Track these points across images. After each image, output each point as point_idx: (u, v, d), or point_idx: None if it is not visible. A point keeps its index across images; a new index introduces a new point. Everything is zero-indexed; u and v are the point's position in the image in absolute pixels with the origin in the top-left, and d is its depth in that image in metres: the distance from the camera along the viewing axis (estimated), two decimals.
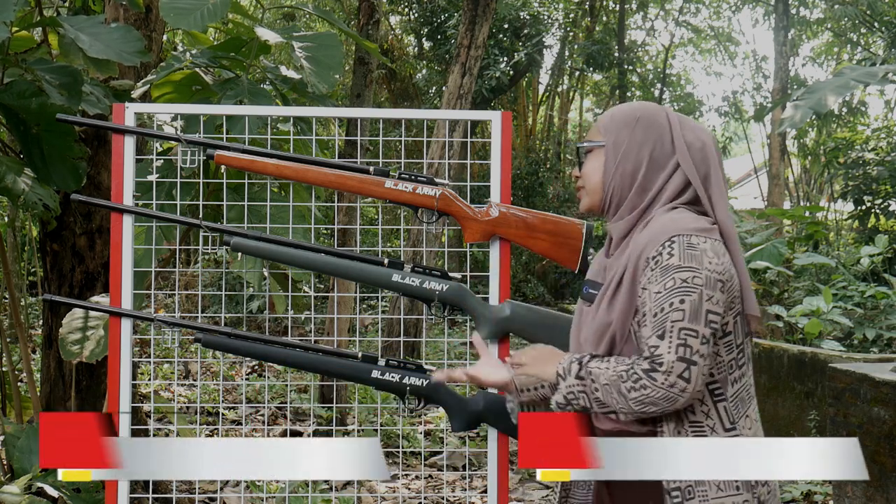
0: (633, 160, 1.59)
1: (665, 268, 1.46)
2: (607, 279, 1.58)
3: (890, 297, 5.56)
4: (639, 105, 1.65)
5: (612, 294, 1.54)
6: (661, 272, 1.46)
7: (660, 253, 1.48)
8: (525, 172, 12.67)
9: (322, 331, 5.77)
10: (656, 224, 1.53)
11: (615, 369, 1.46)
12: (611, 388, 1.45)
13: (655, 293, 1.46)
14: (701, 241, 1.48)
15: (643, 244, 1.51)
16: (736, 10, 16.37)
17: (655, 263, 1.48)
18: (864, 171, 8.85)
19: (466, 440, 3.86)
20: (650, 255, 1.49)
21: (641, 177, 1.58)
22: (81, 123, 2.27)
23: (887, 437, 3.02)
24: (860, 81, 4.58)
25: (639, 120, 1.61)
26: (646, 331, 1.46)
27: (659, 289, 1.46)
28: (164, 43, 4.18)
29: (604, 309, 1.55)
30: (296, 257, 2.13)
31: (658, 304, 1.45)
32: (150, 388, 4.23)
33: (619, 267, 1.55)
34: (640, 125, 1.60)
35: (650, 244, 1.50)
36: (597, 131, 1.65)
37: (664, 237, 1.49)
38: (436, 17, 12.00)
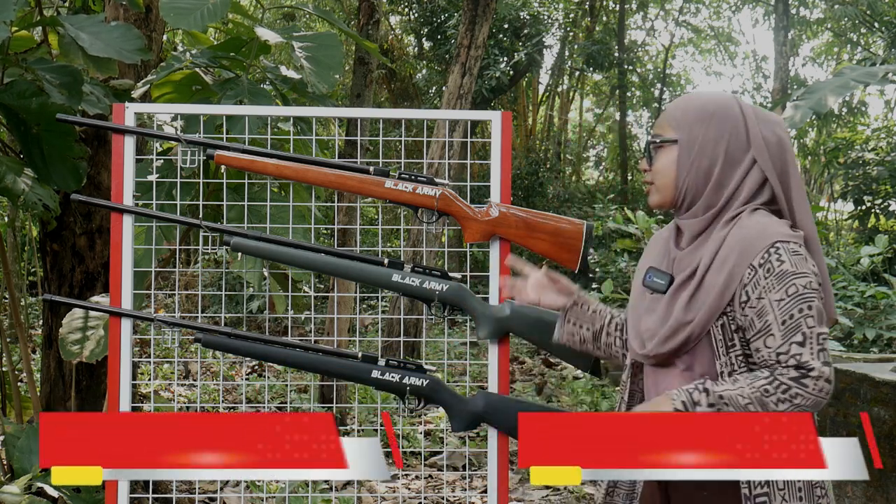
0: (709, 156, 1.55)
1: (780, 275, 1.45)
2: (681, 273, 1.56)
3: (890, 297, 5.56)
4: (711, 97, 1.60)
5: (692, 293, 1.52)
6: (777, 279, 1.45)
7: (767, 260, 1.46)
8: (525, 172, 12.67)
9: (322, 331, 5.77)
10: (748, 228, 1.51)
11: (754, 386, 1.44)
12: (755, 407, 1.43)
13: (778, 300, 1.45)
14: (799, 247, 1.49)
15: (737, 249, 1.49)
16: (736, 10, 16.39)
17: (767, 271, 1.46)
18: (864, 171, 8.85)
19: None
20: (756, 262, 1.47)
21: (717, 173, 1.55)
22: (81, 123, 2.27)
23: (887, 437, 3.02)
24: (860, 81, 4.57)
25: (713, 114, 1.56)
26: (772, 340, 1.45)
27: (781, 296, 1.45)
28: (164, 43, 4.18)
29: (681, 307, 1.52)
30: (296, 257, 2.13)
31: (786, 312, 1.44)
32: (150, 388, 4.22)
33: (698, 265, 1.53)
34: (715, 119, 1.56)
35: (749, 250, 1.48)
36: (668, 126, 1.60)
37: (765, 243, 1.47)
38: (436, 17, 12.00)
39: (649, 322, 1.59)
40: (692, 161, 1.56)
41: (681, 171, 1.57)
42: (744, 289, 1.48)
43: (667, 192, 1.59)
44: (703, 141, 1.56)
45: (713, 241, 1.53)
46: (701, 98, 1.60)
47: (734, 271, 1.48)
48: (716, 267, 1.51)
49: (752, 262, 1.47)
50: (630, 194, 13.87)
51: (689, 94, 1.65)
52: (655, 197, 1.62)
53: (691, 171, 1.56)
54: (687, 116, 1.58)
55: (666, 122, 1.61)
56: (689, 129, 1.57)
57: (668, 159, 1.59)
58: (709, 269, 1.51)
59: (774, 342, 1.45)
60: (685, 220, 1.59)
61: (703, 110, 1.57)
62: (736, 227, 1.52)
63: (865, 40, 14.23)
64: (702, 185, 1.56)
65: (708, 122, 1.56)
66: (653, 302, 1.60)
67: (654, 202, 1.63)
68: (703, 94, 1.63)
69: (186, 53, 2.82)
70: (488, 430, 2.16)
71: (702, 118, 1.57)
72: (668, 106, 1.65)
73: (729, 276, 1.49)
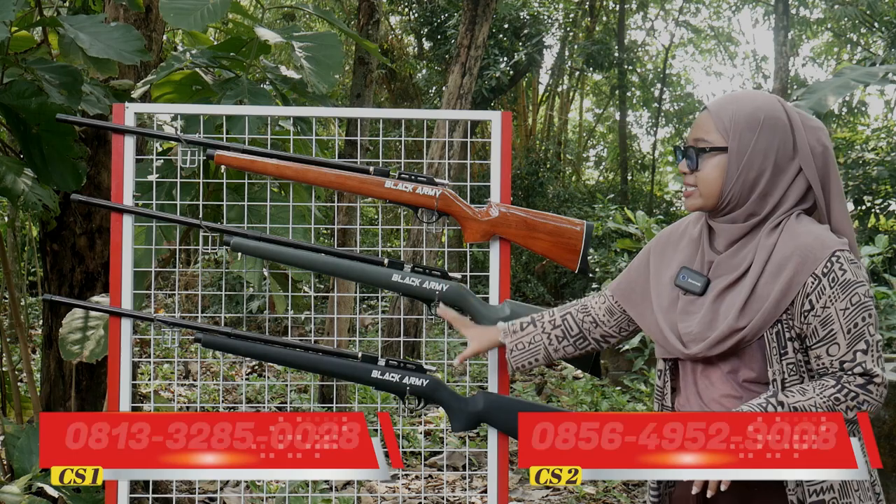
0: (758, 167, 1.53)
1: (844, 284, 1.47)
2: (721, 277, 1.56)
3: (890, 297, 5.56)
4: (760, 102, 1.56)
5: (745, 299, 1.51)
6: (842, 288, 1.47)
7: (831, 269, 1.47)
8: (525, 172, 12.67)
9: (322, 331, 5.77)
10: (803, 236, 1.50)
11: (824, 395, 1.46)
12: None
13: (843, 310, 1.46)
14: (854, 255, 1.51)
15: (796, 258, 1.49)
16: (736, 10, 16.39)
17: (832, 281, 1.47)
18: (864, 171, 8.84)
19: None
20: (819, 272, 1.47)
21: (764, 183, 1.54)
22: (81, 123, 2.27)
23: (887, 437, 3.02)
24: (860, 81, 4.57)
25: (763, 123, 1.54)
26: (836, 348, 1.47)
27: (845, 305, 1.47)
28: (164, 43, 4.18)
29: (733, 314, 1.51)
30: (296, 257, 2.13)
31: (850, 321, 1.46)
32: (150, 388, 4.23)
33: (746, 270, 1.53)
34: (765, 129, 1.54)
35: (810, 259, 1.48)
36: (714, 130, 1.56)
37: (826, 252, 1.48)
38: (436, 17, 11.99)
39: (691, 324, 1.58)
40: (741, 171, 1.54)
41: (728, 179, 1.54)
42: (807, 297, 1.48)
43: (711, 199, 1.57)
44: (753, 151, 1.53)
45: (762, 248, 1.52)
46: (749, 102, 1.56)
47: (795, 280, 1.48)
48: (770, 274, 1.50)
49: (815, 272, 1.48)
50: (630, 194, 13.88)
51: (736, 96, 1.60)
52: (697, 201, 1.59)
53: (738, 181, 1.54)
54: (736, 124, 1.54)
55: (713, 126, 1.57)
56: (739, 137, 1.54)
57: (715, 166, 1.56)
58: (761, 276, 1.50)
59: (839, 351, 1.47)
60: (723, 224, 1.58)
61: (752, 118, 1.54)
62: (786, 234, 1.52)
63: (865, 40, 14.23)
64: (747, 194, 1.54)
65: (758, 131, 1.54)
66: (688, 304, 1.59)
67: (694, 206, 1.60)
68: (750, 96, 1.59)
69: (186, 53, 2.82)
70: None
71: (751, 126, 1.54)
72: (713, 107, 1.59)
73: (788, 284, 1.48)
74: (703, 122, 1.59)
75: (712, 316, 1.55)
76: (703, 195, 1.58)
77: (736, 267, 1.55)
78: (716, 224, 1.60)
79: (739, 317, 1.51)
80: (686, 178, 1.60)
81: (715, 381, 1.59)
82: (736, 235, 1.56)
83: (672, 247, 1.70)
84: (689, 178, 1.59)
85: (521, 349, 1.90)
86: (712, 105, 1.61)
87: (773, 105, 1.56)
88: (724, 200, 1.56)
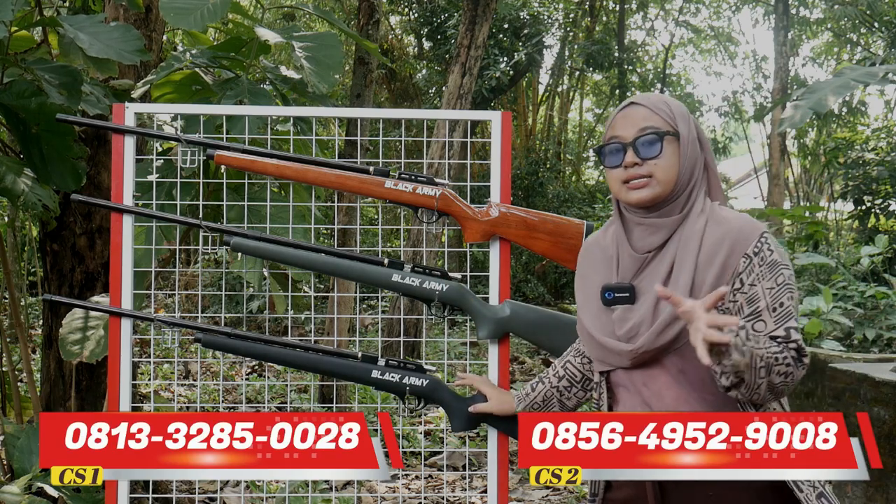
0: (694, 156, 1.58)
1: (772, 264, 1.50)
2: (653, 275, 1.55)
3: (890, 297, 5.56)
4: (674, 99, 1.64)
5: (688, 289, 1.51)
6: (770, 268, 1.50)
7: (760, 249, 1.50)
8: (525, 172, 12.67)
9: (322, 331, 5.77)
10: (730, 221, 1.54)
11: (770, 351, 1.43)
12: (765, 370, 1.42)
13: (769, 289, 1.49)
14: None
15: (727, 242, 1.51)
16: (736, 10, 16.39)
17: (761, 260, 1.50)
18: (864, 171, 8.84)
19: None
20: (750, 251, 1.50)
21: (697, 172, 1.58)
22: (81, 123, 2.27)
23: (887, 437, 3.02)
24: (860, 81, 4.57)
25: (689, 114, 1.61)
26: (762, 325, 1.48)
27: (772, 284, 1.49)
28: (164, 43, 4.18)
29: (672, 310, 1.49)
30: (296, 257, 2.13)
31: (776, 299, 1.49)
32: (150, 388, 4.22)
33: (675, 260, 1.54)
34: (690, 119, 1.60)
35: (741, 241, 1.51)
36: (661, 120, 1.57)
37: (756, 233, 1.52)
38: (436, 17, 11.99)
39: (629, 324, 1.56)
40: (688, 157, 1.57)
41: (682, 165, 1.56)
42: (738, 277, 1.51)
43: (668, 187, 1.55)
44: (691, 137, 1.58)
45: (688, 235, 1.54)
46: (669, 97, 1.62)
47: (728, 262, 1.51)
48: (704, 262, 1.52)
49: (747, 251, 1.50)
50: None
51: (652, 94, 1.65)
52: (654, 191, 1.55)
53: (687, 167, 1.57)
54: (676, 112, 1.58)
55: (657, 116, 1.57)
56: (685, 124, 1.58)
57: (673, 153, 1.56)
58: (697, 266, 1.52)
59: (765, 327, 1.49)
60: (660, 219, 1.57)
61: (681, 108, 1.60)
62: (711, 220, 1.54)
63: (865, 40, 14.23)
64: (686, 182, 1.57)
65: (689, 121, 1.60)
66: (624, 312, 1.58)
67: (648, 196, 1.55)
68: (661, 94, 1.66)
69: (186, 53, 2.82)
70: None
71: (684, 116, 1.59)
72: (643, 101, 1.60)
73: (722, 267, 1.51)
74: (641, 114, 1.58)
75: (653, 310, 1.54)
76: (662, 182, 1.55)
77: (662, 261, 1.56)
78: (652, 221, 1.58)
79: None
80: (636, 169, 1.56)
81: (662, 387, 1.56)
82: (672, 229, 1.56)
83: (591, 266, 1.69)
84: (640, 168, 1.55)
85: (536, 408, 1.92)
86: (641, 100, 1.61)
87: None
88: (676, 188, 1.56)
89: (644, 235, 1.58)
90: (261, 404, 2.95)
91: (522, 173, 12.60)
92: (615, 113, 1.63)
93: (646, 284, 1.56)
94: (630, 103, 1.61)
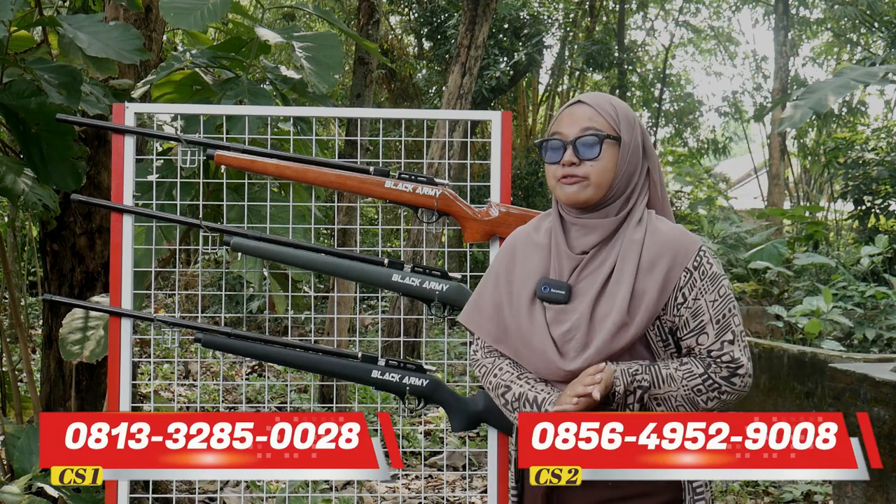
0: (634, 162, 1.58)
1: (712, 277, 1.53)
2: (589, 279, 1.55)
3: (890, 297, 5.56)
4: (623, 102, 1.61)
5: (629, 297, 1.50)
6: (710, 281, 1.53)
7: (700, 263, 1.53)
8: (525, 172, 12.66)
9: (322, 331, 5.78)
10: (668, 233, 1.55)
11: (688, 386, 1.51)
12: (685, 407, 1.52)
13: (712, 301, 1.52)
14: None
15: (667, 253, 1.52)
16: (736, 10, 16.38)
17: (701, 274, 1.53)
18: (864, 171, 8.84)
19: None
20: (690, 266, 1.52)
21: (636, 178, 1.58)
22: (81, 123, 2.27)
23: (887, 437, 3.02)
24: (860, 81, 4.57)
25: (635, 121, 1.60)
26: (706, 338, 1.52)
27: (714, 297, 1.53)
28: (164, 43, 4.18)
29: (617, 312, 1.50)
30: (296, 257, 2.13)
31: (719, 312, 1.52)
32: (150, 388, 4.22)
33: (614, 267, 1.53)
34: (636, 126, 1.60)
35: (681, 253, 1.53)
36: (605, 123, 1.56)
37: (694, 247, 1.54)
38: (436, 17, 11.99)
39: (565, 326, 1.54)
40: (627, 164, 1.57)
41: (618, 170, 1.56)
42: (679, 291, 1.53)
43: (601, 190, 1.55)
44: (634, 145, 1.58)
45: (629, 244, 1.54)
46: (618, 101, 1.61)
47: (670, 274, 1.52)
48: (644, 270, 1.52)
49: (687, 266, 1.53)
50: None
51: (603, 94, 1.63)
52: (586, 192, 1.55)
53: (624, 173, 1.57)
54: (621, 117, 1.58)
55: (601, 119, 1.56)
56: (628, 131, 1.57)
57: (612, 156, 1.56)
58: (637, 273, 1.52)
59: (707, 340, 1.53)
60: (593, 221, 1.57)
61: (630, 114, 1.59)
62: (650, 230, 1.55)
63: (865, 40, 14.23)
64: (623, 187, 1.57)
65: (634, 127, 1.59)
66: (557, 314, 1.55)
67: (582, 198, 1.55)
68: (611, 96, 1.64)
69: (186, 53, 2.82)
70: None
71: (631, 122, 1.59)
72: (591, 101, 1.59)
73: (665, 278, 1.52)
74: (586, 114, 1.57)
75: (591, 320, 1.53)
76: (596, 185, 1.55)
77: (601, 265, 1.55)
78: (586, 220, 1.57)
79: (628, 314, 1.51)
80: (573, 168, 1.55)
81: None
82: (608, 231, 1.56)
83: (522, 257, 1.64)
84: (578, 168, 1.55)
85: None
86: (589, 99, 1.60)
87: (629, 106, 1.64)
88: (611, 192, 1.56)
89: (579, 235, 1.59)
90: (261, 404, 2.95)
91: (522, 173, 12.59)
92: (562, 109, 1.63)
93: (583, 287, 1.55)
94: (577, 101, 1.61)
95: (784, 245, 7.00)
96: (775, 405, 4.60)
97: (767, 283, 6.91)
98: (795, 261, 6.82)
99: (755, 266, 6.60)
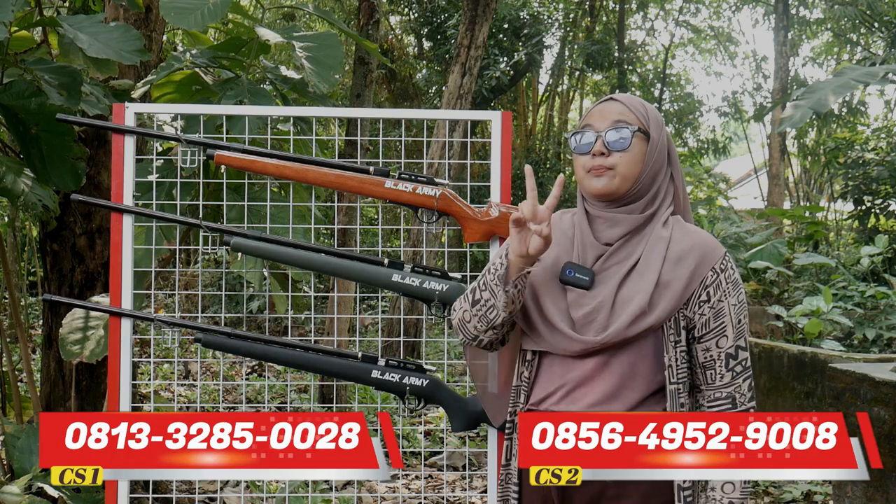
0: (660, 162, 1.61)
1: (734, 282, 1.57)
2: (616, 266, 1.56)
3: (890, 297, 5.56)
4: (653, 106, 1.65)
5: (654, 285, 1.52)
6: (733, 286, 1.57)
7: (726, 266, 1.57)
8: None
9: (322, 331, 5.77)
10: (696, 234, 1.59)
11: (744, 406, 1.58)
12: None
13: (733, 305, 1.57)
14: None
15: (696, 251, 1.55)
16: (736, 10, 16.39)
17: (727, 277, 1.56)
18: (864, 171, 8.84)
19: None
20: (718, 267, 1.56)
21: (661, 178, 1.61)
22: (81, 123, 2.27)
23: (887, 437, 3.02)
24: (860, 81, 4.57)
25: (663, 124, 1.63)
26: (725, 340, 1.56)
27: (735, 301, 1.57)
28: (164, 43, 4.18)
29: (641, 298, 1.51)
30: (296, 257, 2.13)
31: (737, 315, 1.57)
32: (150, 388, 4.22)
33: (639, 258, 1.56)
34: (665, 129, 1.63)
35: (710, 254, 1.56)
36: (636, 118, 1.59)
37: (721, 251, 1.58)
38: (436, 17, 11.99)
39: (586, 309, 1.55)
40: (654, 160, 1.59)
41: (645, 166, 1.58)
42: (705, 289, 1.55)
43: (627, 183, 1.57)
44: (661, 144, 1.60)
45: (657, 239, 1.56)
46: (648, 103, 1.64)
47: (698, 270, 1.55)
48: (671, 263, 1.54)
49: (714, 266, 1.56)
50: None
51: (632, 96, 1.65)
52: (613, 183, 1.56)
53: (650, 170, 1.59)
54: (651, 116, 1.61)
55: (632, 115, 1.59)
56: (657, 129, 1.60)
57: (640, 150, 1.58)
58: (664, 264, 1.54)
59: (727, 343, 1.56)
60: (619, 214, 1.59)
61: (657, 115, 1.63)
62: (678, 230, 1.58)
63: (865, 40, 14.23)
64: (649, 184, 1.59)
65: (662, 129, 1.62)
66: (579, 297, 1.57)
67: (608, 188, 1.56)
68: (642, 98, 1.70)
69: (186, 53, 2.82)
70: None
71: (658, 123, 1.62)
72: (623, 100, 1.62)
73: (692, 273, 1.54)
74: (617, 109, 1.59)
75: (613, 304, 1.54)
76: (623, 176, 1.56)
77: (628, 256, 1.57)
78: (611, 214, 1.59)
79: (651, 302, 1.52)
80: (602, 159, 1.56)
81: (613, 371, 1.56)
82: (633, 225, 1.58)
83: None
84: (606, 159, 1.56)
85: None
86: (620, 97, 1.63)
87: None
88: (636, 186, 1.58)
89: (604, 227, 1.60)
90: (261, 404, 2.95)
91: (522, 173, 12.59)
92: (593, 106, 1.65)
93: (607, 274, 1.57)
94: (609, 98, 1.64)
95: (784, 245, 7.00)
96: (775, 405, 4.60)
97: (767, 283, 6.92)
98: (795, 261, 6.83)
99: (755, 266, 6.60)
